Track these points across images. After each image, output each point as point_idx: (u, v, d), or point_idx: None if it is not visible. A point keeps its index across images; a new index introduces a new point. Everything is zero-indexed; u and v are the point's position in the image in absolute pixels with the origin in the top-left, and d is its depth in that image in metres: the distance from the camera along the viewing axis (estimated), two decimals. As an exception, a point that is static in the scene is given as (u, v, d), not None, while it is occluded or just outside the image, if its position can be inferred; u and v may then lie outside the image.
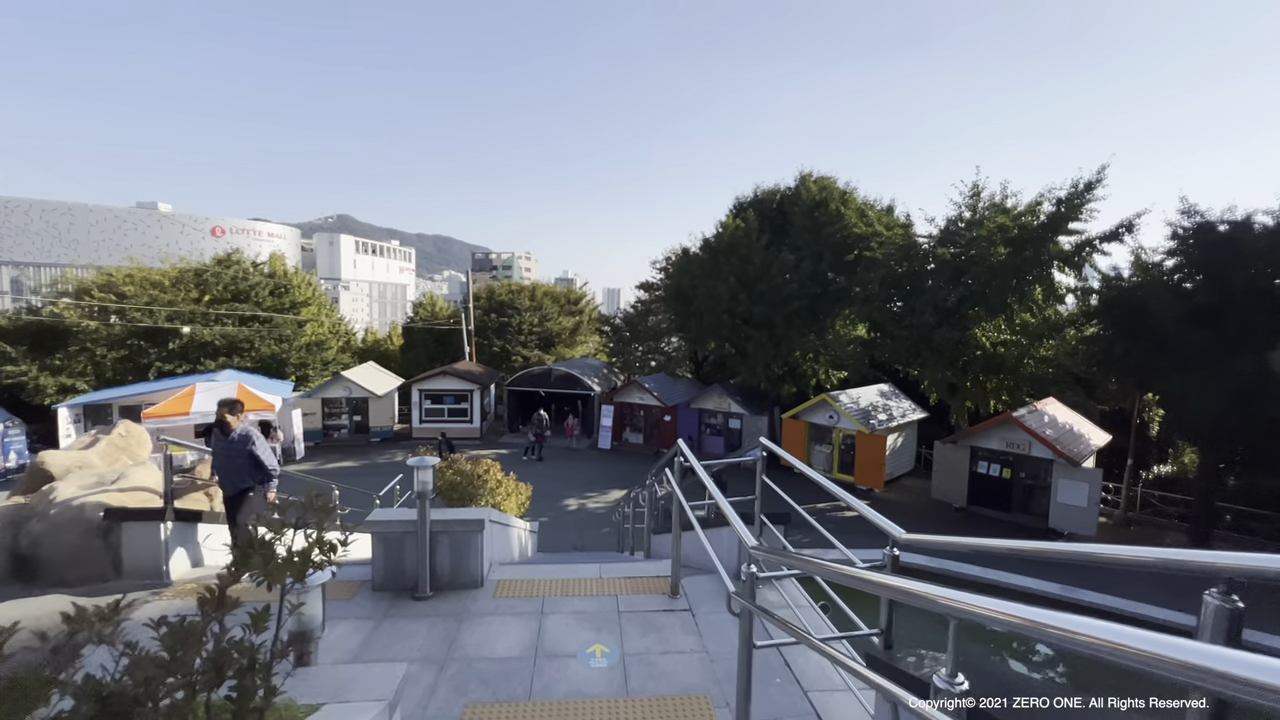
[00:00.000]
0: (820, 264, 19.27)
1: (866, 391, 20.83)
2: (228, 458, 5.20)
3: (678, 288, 22.31)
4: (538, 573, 5.22)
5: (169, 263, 25.04)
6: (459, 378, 24.58)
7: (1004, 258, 14.49)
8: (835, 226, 19.36)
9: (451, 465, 7.00)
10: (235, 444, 5.21)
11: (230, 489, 5.22)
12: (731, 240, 20.24)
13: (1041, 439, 15.11)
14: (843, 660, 1.97)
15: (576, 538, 14.18)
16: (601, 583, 5.00)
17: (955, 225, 16.81)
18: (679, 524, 4.78)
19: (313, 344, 27.18)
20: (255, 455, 5.20)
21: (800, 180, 22.04)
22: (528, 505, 10.38)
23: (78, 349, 21.42)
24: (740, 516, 3.85)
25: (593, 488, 18.59)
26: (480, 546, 4.80)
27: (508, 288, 34.17)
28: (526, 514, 11.01)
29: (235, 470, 5.21)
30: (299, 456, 20.57)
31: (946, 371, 16.18)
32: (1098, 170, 14.02)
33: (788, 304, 19.03)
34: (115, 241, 66.82)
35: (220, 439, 5.23)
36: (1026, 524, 15.99)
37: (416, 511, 4.56)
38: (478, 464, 6.99)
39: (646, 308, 29.96)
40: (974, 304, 15.38)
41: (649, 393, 23.31)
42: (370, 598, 4.60)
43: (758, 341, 19.62)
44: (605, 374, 29.04)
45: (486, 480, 6.88)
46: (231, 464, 5.20)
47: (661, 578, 5.08)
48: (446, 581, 4.74)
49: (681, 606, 4.57)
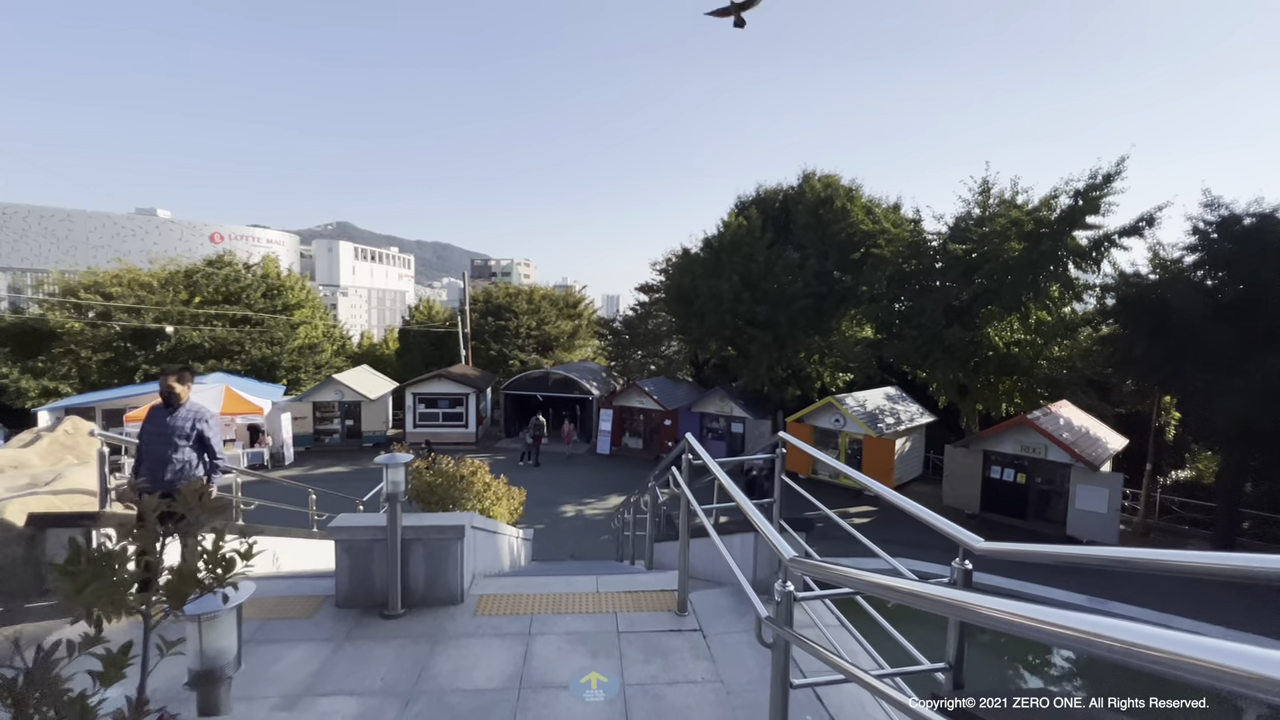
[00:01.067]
0: (826, 262, 18.74)
1: (873, 394, 20.26)
2: (164, 440, 4.03)
3: (678, 288, 21.77)
4: (527, 586, 4.62)
5: (158, 264, 24.49)
6: (454, 381, 23.98)
7: (1019, 253, 13.95)
8: (841, 224, 18.85)
9: (432, 465, 6.38)
10: (179, 421, 4.05)
11: (160, 483, 3.93)
12: (734, 238, 19.72)
13: (1059, 442, 14.52)
14: (904, 703, 1.40)
15: (574, 545, 13.54)
16: (599, 598, 4.40)
17: (965, 223, 16.32)
18: (687, 530, 4.19)
19: (305, 347, 26.60)
20: (205, 438, 4.17)
21: (804, 179, 21.57)
22: (521, 511, 9.77)
23: (62, 351, 20.83)
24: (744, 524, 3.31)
25: (591, 494, 17.96)
26: (460, 556, 4.21)
27: (505, 290, 33.65)
28: (520, 520, 10.40)
29: (171, 458, 4.01)
30: (288, 461, 19.94)
31: (958, 373, 15.61)
32: (1116, 162, 13.53)
33: (792, 303, 18.47)
34: (114, 247, 66.30)
35: (160, 415, 4.06)
36: (1043, 531, 15.38)
37: (386, 516, 3.98)
38: (462, 464, 6.37)
39: (646, 310, 29.43)
40: (987, 302, 14.83)
41: (649, 396, 22.72)
42: (333, 616, 4.00)
43: (761, 342, 19.05)
44: (604, 378, 28.45)
45: (473, 483, 6.27)
46: (167, 449, 4.02)
47: (667, 592, 4.48)
48: (421, 597, 4.14)
49: (690, 626, 3.97)
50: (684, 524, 4.14)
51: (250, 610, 4.04)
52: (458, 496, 5.98)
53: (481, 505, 6.39)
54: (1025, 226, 14.02)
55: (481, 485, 6.45)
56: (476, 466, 6.55)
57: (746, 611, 4.15)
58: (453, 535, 4.16)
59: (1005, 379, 16.18)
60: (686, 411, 22.64)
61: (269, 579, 4.78)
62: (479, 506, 6.35)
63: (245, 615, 4.01)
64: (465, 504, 6.10)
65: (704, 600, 4.36)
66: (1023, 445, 15.43)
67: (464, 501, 6.03)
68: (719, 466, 3.47)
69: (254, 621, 3.85)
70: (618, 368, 30.69)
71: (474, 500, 6.25)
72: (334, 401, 22.94)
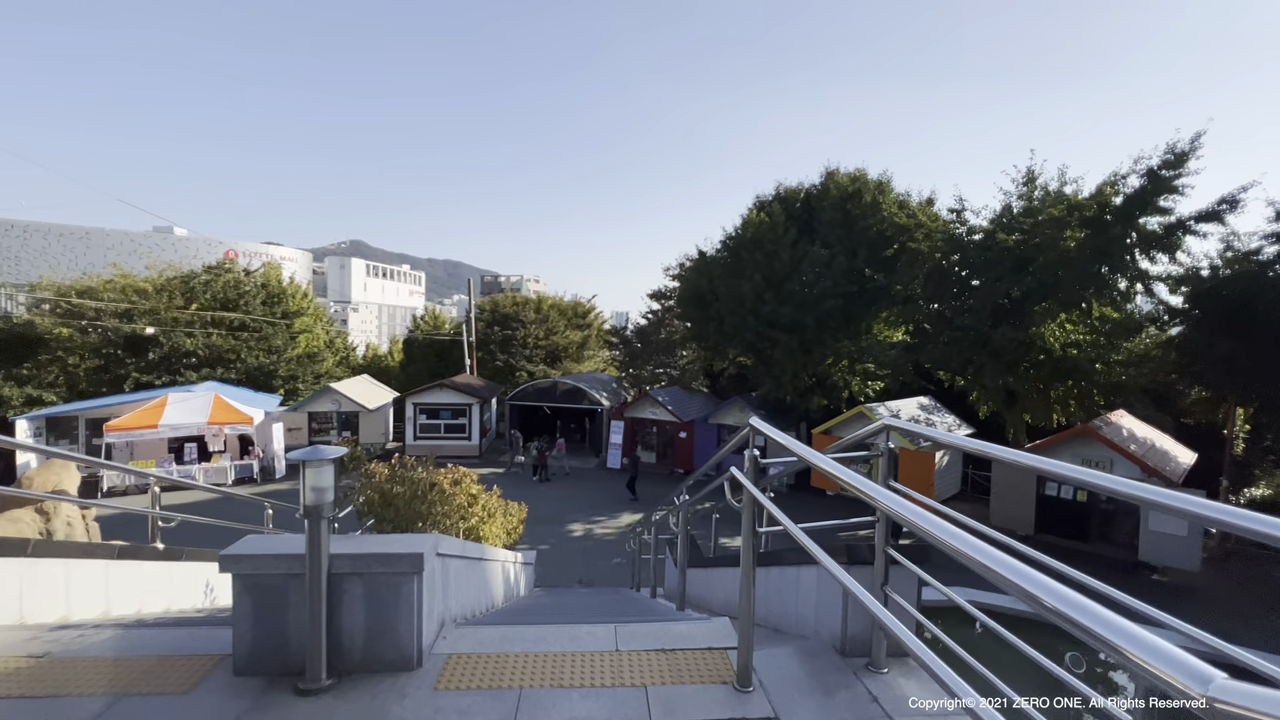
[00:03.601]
0: (855, 260, 17.37)
1: (907, 404, 18.76)
2: None
3: (695, 291, 20.48)
4: (518, 639, 3.24)
5: (155, 270, 23.72)
6: (457, 391, 22.79)
7: (1080, 242, 12.51)
8: (870, 220, 17.54)
9: (395, 470, 4.98)
10: None
11: None
12: (756, 235, 18.45)
13: (1127, 454, 12.93)
14: None
15: (582, 569, 12.10)
16: (619, 660, 3.02)
17: (1007, 216, 14.98)
18: (753, 557, 2.79)
19: (304, 356, 25.60)
20: None
21: (827, 176, 20.33)
22: (521, 530, 8.40)
23: (49, 358, 19.93)
24: (826, 550, 2.10)
25: (600, 511, 16.53)
26: (416, 598, 2.86)
27: (512, 299, 32.63)
28: (521, 541, 9.03)
29: None
30: (278, 475, 18.74)
31: (1007, 377, 14.08)
32: (1192, 139, 12.11)
33: (820, 304, 17.07)
34: (130, 265, 66.89)
35: None
36: (1110, 556, 13.67)
37: (305, 539, 2.68)
38: (446, 471, 4.99)
39: (659, 318, 28.20)
40: (1041, 298, 13.37)
41: (663, 407, 21.33)
42: (224, 690, 2.66)
43: (785, 347, 17.63)
44: (615, 388, 27.14)
45: (454, 495, 4.92)
46: None
47: (716, 651, 3.08)
48: (359, 659, 2.80)
49: (762, 714, 2.57)
50: (748, 546, 2.74)
51: (106, 677, 2.74)
52: (430, 513, 4.60)
53: (467, 524, 5.06)
54: (1088, 211, 12.59)
55: (466, 499, 5.11)
56: (461, 475, 5.19)
57: (839, 685, 2.79)
58: (406, 568, 2.82)
59: (1059, 385, 14.62)
60: (703, 423, 21.21)
61: (140, 627, 3.45)
62: (462, 526, 5.01)
63: (91, 688, 2.71)
64: (444, 523, 4.76)
65: (772, 665, 2.97)
66: (1084, 459, 13.79)
67: (441, 520, 4.68)
68: (825, 457, 2.14)
69: (100, 699, 2.55)
70: (628, 379, 29.39)
71: (454, 518, 4.92)
72: (331, 412, 21.83)
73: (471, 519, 5.21)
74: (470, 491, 5.16)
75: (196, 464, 17.77)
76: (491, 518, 5.96)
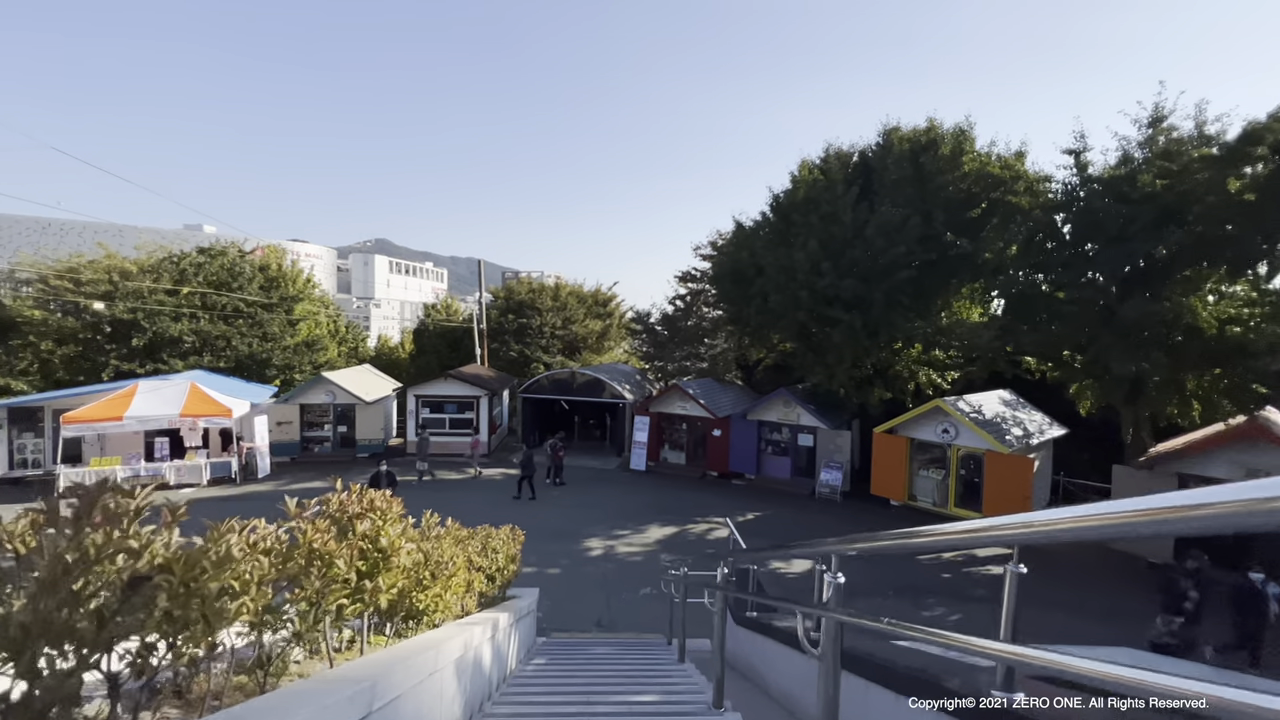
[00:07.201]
0: (931, 223, 14.34)
1: (987, 398, 15.73)
2: None
3: (733, 265, 17.62)
4: None
5: (143, 250, 21.96)
6: (464, 382, 20.46)
7: (1263, 179, 9.42)
8: (949, 175, 14.49)
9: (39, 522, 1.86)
10: None
11: None
12: (809, 195, 15.48)
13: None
14: None
15: (602, 605, 9.51)
16: None
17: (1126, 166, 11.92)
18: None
19: (303, 344, 23.61)
20: None
21: (886, 134, 17.22)
22: (516, 571, 5.84)
23: (20, 343, 18.21)
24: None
25: (624, 522, 13.94)
26: None
27: (527, 286, 30.23)
28: (516, 580, 6.49)
29: None
30: (261, 474, 16.61)
31: (1142, 363, 10.99)
32: None
33: (891, 274, 14.05)
34: (145, 255, 67.24)
35: None
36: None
37: None
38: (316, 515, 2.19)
39: (688, 303, 25.48)
40: (1195, 260, 10.30)
41: (694, 400, 18.63)
42: None
43: (846, 328, 14.67)
44: (639, 380, 24.51)
45: (330, 563, 2.14)
46: None
47: None
48: None
49: None
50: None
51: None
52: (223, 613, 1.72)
53: (387, 599, 2.41)
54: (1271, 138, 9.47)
55: (376, 558, 2.35)
56: (371, 504, 2.49)
57: None
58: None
59: (1206, 372, 11.50)
60: (740, 419, 18.45)
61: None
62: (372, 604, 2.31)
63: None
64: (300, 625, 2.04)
65: None
66: (1248, 468, 10.71)
67: (274, 624, 1.93)
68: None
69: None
70: (653, 371, 26.73)
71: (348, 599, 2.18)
72: (327, 404, 19.68)
73: (409, 590, 2.60)
74: (394, 543, 2.49)
75: (168, 461, 15.77)
76: (454, 575, 3.44)
